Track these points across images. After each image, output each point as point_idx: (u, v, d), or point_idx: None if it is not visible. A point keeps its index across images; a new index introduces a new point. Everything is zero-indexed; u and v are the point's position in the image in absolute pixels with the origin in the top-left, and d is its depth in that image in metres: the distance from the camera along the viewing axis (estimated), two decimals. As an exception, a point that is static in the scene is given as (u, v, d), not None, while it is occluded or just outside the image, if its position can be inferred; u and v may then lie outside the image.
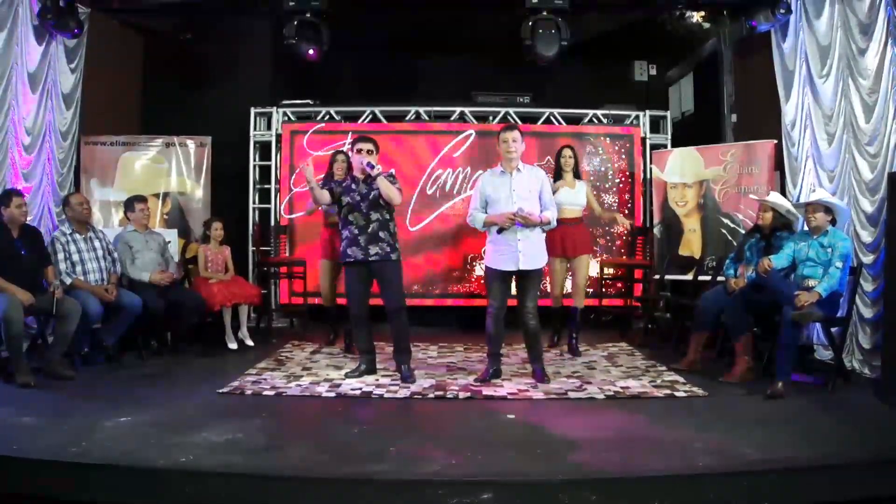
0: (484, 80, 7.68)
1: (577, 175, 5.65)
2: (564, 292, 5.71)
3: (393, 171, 4.62)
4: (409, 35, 7.25)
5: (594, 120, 7.63)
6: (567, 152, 5.63)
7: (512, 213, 4.25)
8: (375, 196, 4.42)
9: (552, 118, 7.60)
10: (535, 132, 7.27)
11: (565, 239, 5.40)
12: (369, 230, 4.41)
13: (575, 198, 5.53)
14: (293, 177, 7.15)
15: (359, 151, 4.45)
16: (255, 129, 7.51)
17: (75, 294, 4.80)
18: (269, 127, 7.54)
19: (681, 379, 4.70)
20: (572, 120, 7.63)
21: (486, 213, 4.43)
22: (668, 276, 6.72)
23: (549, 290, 5.94)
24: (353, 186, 4.50)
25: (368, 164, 4.35)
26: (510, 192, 4.36)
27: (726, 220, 6.36)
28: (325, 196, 4.49)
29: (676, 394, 4.34)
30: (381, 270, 4.46)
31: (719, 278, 5.33)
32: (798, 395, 4.10)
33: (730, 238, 6.26)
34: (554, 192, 5.02)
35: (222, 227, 6.07)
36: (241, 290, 5.88)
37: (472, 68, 7.70)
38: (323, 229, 5.46)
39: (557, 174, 5.66)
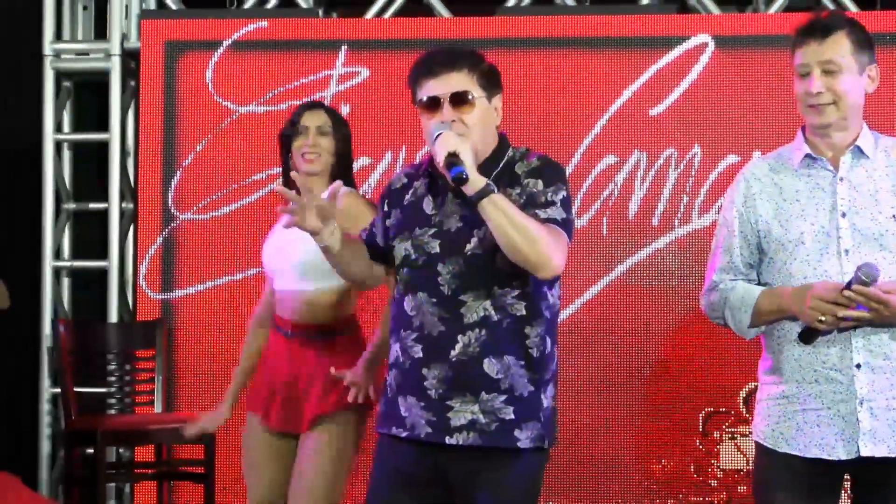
0: None
1: None
2: None
3: (539, 157, 3.57)
4: None
5: None
6: None
7: (839, 285, 3.31)
8: (485, 244, 3.60)
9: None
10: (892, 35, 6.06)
11: None
12: (455, 352, 3.53)
13: None
14: (179, 174, 6.40)
15: (427, 107, 3.56)
16: (57, 35, 6.56)
17: None
18: (102, 34, 6.66)
19: None
20: None
21: (758, 283, 3.76)
22: None
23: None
24: (430, 209, 3.86)
25: (450, 162, 3.31)
26: (832, 218, 3.69)
27: None
28: (356, 257, 3.68)
29: None
30: (479, 478, 3.56)
31: None
32: None
33: None
34: None
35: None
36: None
37: None
38: (272, 332, 4.74)
39: None
